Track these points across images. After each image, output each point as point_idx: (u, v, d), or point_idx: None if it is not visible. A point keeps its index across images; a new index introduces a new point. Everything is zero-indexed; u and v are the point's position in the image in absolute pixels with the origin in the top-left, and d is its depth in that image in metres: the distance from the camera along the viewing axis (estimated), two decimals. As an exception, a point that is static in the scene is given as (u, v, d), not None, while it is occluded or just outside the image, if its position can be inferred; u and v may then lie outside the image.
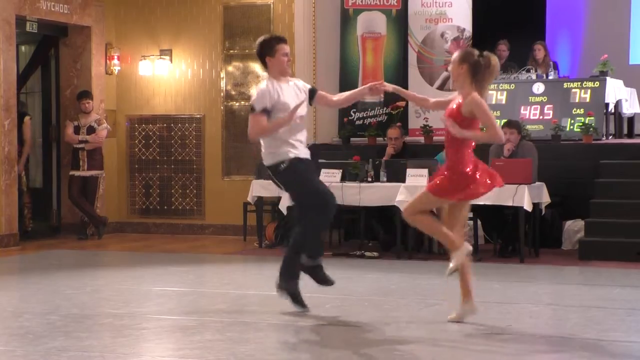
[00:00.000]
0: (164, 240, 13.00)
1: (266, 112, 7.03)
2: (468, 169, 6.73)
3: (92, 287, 8.90)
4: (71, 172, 12.94)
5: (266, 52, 7.12)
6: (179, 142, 13.74)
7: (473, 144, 6.85)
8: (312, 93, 7.33)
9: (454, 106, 6.83)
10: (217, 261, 10.98)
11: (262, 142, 7.23)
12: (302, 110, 7.17)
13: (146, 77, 13.77)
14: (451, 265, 6.77)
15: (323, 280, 7.26)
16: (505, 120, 11.33)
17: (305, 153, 7.21)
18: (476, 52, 6.86)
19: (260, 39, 7.28)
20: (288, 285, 7.26)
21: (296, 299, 7.26)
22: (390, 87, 7.26)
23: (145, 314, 7.48)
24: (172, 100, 13.77)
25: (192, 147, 13.68)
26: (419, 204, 6.89)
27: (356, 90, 7.67)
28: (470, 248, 6.88)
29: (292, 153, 7.10)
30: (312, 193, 7.07)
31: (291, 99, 7.11)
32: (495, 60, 6.81)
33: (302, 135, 7.21)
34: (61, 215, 13.54)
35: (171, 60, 13.69)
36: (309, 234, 7.15)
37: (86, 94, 13.06)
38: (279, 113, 7.06)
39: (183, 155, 13.72)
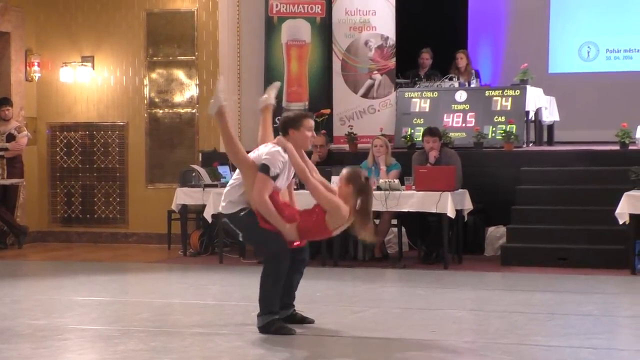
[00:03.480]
0: (87, 249, 12.83)
1: (275, 178, 6.82)
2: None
3: (11, 298, 8.74)
4: (-10, 181, 12.71)
5: (292, 125, 6.97)
6: (101, 149, 13.57)
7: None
8: None
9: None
10: (141, 270, 10.87)
11: (225, 193, 6.99)
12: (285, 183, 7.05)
13: (67, 84, 13.58)
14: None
15: (301, 321, 7.06)
16: (426, 128, 11.44)
17: None
18: (363, 177, 6.91)
19: (289, 115, 7.10)
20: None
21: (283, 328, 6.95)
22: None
23: (67, 324, 7.37)
24: (94, 108, 13.61)
25: (115, 154, 13.53)
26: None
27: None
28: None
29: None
30: (268, 245, 6.87)
31: (285, 179, 6.97)
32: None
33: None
34: (-20, 225, 13.27)
35: (93, 67, 13.53)
36: (264, 288, 6.89)
37: (5, 101, 12.83)
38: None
39: (106, 163, 13.56)
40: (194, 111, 13.24)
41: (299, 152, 6.99)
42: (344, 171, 6.98)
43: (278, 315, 6.92)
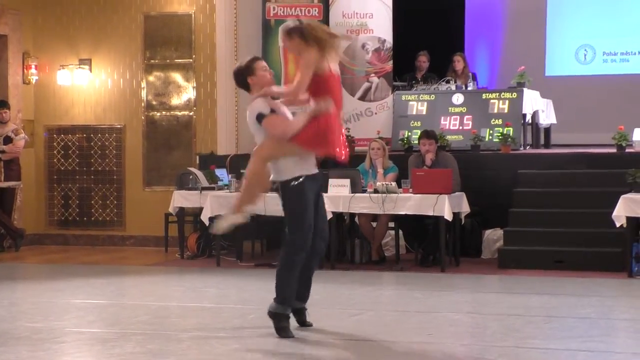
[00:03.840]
0: (84, 252, 12.83)
1: (274, 112, 6.87)
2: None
3: (9, 301, 8.73)
4: (-13, 183, 12.70)
5: (246, 74, 6.99)
6: (98, 152, 13.57)
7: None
8: None
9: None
10: (138, 273, 10.86)
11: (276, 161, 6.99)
12: None
13: (65, 86, 13.58)
14: (221, 222, 7.01)
15: (278, 332, 6.92)
16: (422, 131, 11.46)
17: (315, 168, 7.07)
18: (296, 21, 6.98)
19: (239, 68, 7.09)
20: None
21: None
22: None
23: (64, 327, 7.37)
24: (91, 110, 13.61)
25: (113, 157, 13.53)
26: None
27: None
28: (247, 219, 7.00)
29: (307, 170, 6.94)
30: (300, 226, 6.87)
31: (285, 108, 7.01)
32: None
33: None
34: (-23, 227, 13.25)
35: (91, 69, 13.53)
36: (278, 275, 6.93)
37: (3, 104, 12.82)
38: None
39: (103, 165, 13.57)
40: (191, 114, 13.24)
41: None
42: (280, 33, 7.06)
43: (290, 311, 6.92)
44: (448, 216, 10.26)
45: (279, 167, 6.97)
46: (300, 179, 6.90)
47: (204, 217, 11.11)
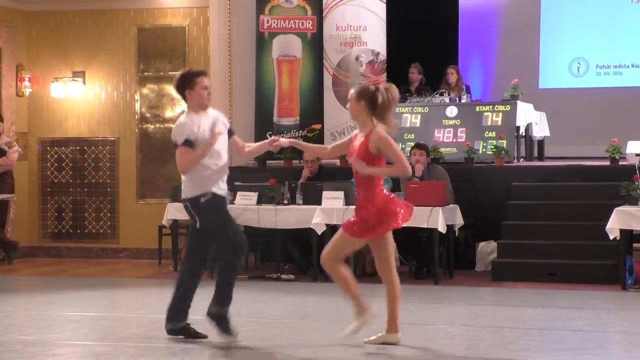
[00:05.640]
0: (77, 265, 12.80)
1: (189, 143, 6.86)
2: (379, 205, 6.75)
3: (1, 313, 8.71)
4: (-20, 196, 12.68)
5: (186, 85, 7.00)
6: (92, 164, 13.57)
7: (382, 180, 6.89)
8: (229, 133, 7.19)
9: (358, 144, 6.84)
10: (132, 285, 10.85)
11: (183, 176, 7.08)
12: (224, 143, 7.06)
13: (59, 99, 13.58)
14: (351, 327, 6.91)
15: (226, 330, 6.97)
16: (415, 143, 11.49)
17: (225, 189, 7.09)
18: (372, 87, 6.93)
19: (180, 72, 7.18)
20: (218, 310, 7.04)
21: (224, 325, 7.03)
22: (286, 142, 7.27)
23: (57, 340, 7.35)
24: (85, 123, 13.61)
25: (106, 169, 13.53)
26: (339, 248, 6.89)
27: (260, 143, 7.43)
28: (374, 317, 6.91)
29: (215, 187, 6.96)
30: (230, 232, 6.96)
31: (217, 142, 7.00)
32: (394, 91, 6.82)
33: (225, 170, 7.07)
34: (-30, 240, 13.22)
35: (84, 82, 13.54)
36: (223, 278, 7.00)
37: (-4, 116, 12.83)
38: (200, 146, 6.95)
39: (97, 178, 13.56)
40: (185, 126, 13.22)
41: (199, 112, 6.97)
42: (352, 90, 7.00)
43: None
44: (442, 228, 10.26)
45: (187, 182, 6.99)
46: (208, 196, 6.90)
47: (198, 230, 11.08)
